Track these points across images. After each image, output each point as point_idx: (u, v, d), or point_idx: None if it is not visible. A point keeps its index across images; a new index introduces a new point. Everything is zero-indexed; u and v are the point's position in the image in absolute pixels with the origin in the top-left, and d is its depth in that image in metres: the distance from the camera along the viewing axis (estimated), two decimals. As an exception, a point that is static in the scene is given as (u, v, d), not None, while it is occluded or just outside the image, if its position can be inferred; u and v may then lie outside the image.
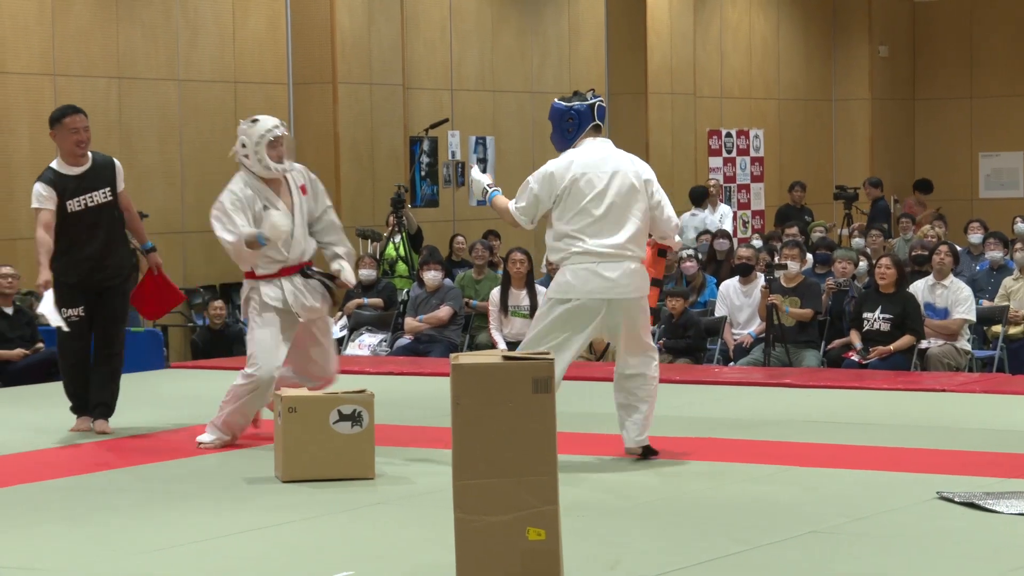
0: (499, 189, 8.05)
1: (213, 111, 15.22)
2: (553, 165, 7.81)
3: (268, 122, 8.30)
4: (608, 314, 7.75)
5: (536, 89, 18.09)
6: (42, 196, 8.79)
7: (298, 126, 15.78)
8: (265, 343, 8.25)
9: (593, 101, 7.86)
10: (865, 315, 12.09)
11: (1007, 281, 13.19)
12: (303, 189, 8.47)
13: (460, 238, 15.91)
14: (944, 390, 10.31)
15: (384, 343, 13.50)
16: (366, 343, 13.50)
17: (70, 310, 8.82)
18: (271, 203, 8.32)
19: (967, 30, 23.08)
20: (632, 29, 18.95)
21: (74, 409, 9.07)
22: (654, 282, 8.10)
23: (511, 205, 7.89)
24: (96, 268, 8.90)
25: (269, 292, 8.30)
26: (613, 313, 7.76)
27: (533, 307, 12.76)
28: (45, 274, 8.63)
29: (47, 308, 8.61)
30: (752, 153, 21.03)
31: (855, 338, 12.09)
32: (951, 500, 6.76)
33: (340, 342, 13.79)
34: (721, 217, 17.79)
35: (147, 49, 14.65)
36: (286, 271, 8.35)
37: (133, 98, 14.55)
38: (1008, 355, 12.76)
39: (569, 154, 7.83)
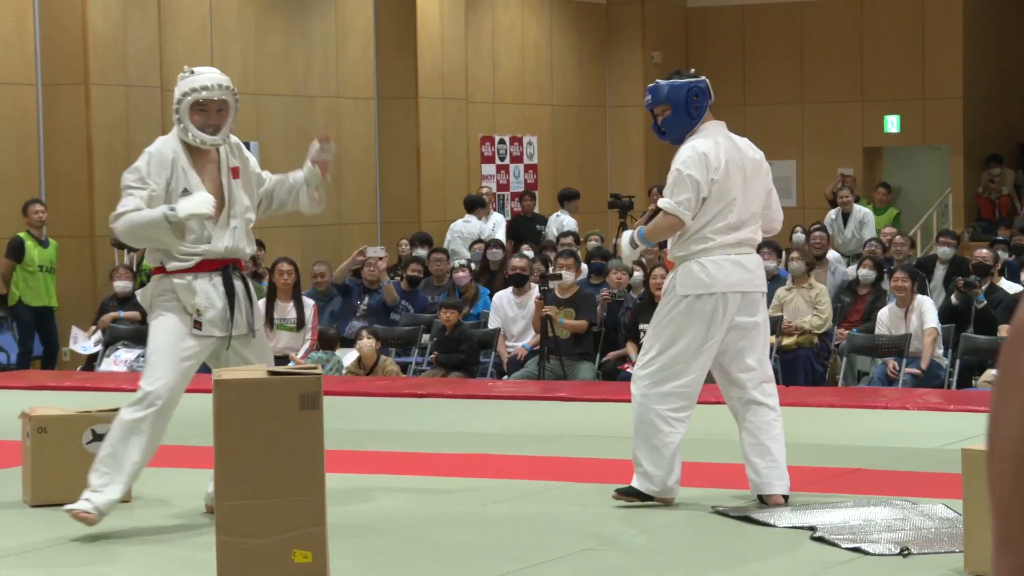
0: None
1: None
2: (702, 145, 6.88)
3: (201, 79, 6.57)
4: (740, 311, 6.88)
5: (302, 93, 17.66)
6: None
7: (48, 129, 15.25)
8: (161, 352, 6.54)
9: (703, 78, 7.11)
10: (642, 326, 11.94)
11: (780, 291, 13.24)
12: (235, 172, 6.71)
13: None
14: (720, 402, 10.14)
15: (141, 358, 12.96)
16: (122, 358, 13.20)
17: None
18: (189, 184, 6.56)
19: (740, 37, 23.21)
20: (401, 32, 18.62)
21: None
22: None
23: (666, 204, 6.84)
24: None
25: (180, 292, 6.52)
26: (746, 310, 6.90)
27: (300, 320, 12.34)
28: None
29: None
30: (526, 160, 20.78)
31: (631, 350, 12.06)
32: (726, 515, 6.77)
33: (94, 357, 13.50)
34: (494, 226, 17.51)
35: None
36: (205, 265, 6.62)
37: None
38: (782, 366, 12.81)
39: (707, 137, 6.93)
